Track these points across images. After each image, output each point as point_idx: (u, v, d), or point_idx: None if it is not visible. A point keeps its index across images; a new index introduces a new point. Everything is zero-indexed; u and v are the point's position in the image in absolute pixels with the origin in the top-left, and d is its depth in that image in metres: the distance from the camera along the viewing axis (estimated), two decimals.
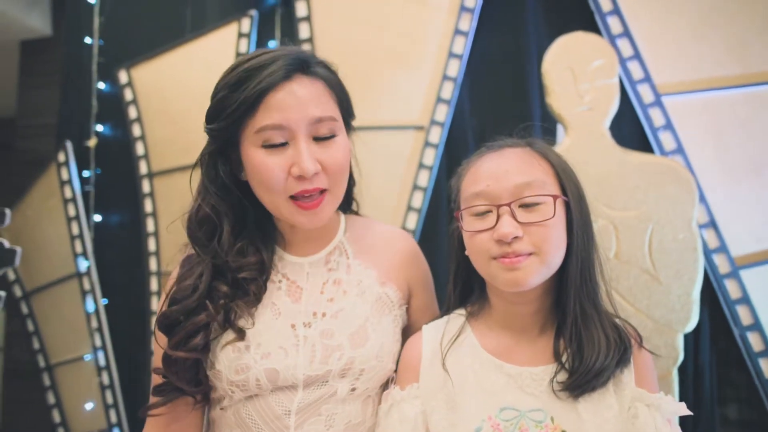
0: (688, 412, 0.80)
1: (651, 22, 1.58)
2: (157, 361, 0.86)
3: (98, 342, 2.04)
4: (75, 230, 2.06)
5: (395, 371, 0.93)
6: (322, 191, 0.84)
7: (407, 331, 0.98)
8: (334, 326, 0.87)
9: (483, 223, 0.82)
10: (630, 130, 1.60)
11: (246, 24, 1.91)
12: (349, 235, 0.98)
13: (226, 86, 0.82)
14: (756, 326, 1.50)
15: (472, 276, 0.93)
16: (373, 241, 0.98)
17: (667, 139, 1.57)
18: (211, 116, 0.85)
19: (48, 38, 2.59)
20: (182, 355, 0.81)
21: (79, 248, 2.06)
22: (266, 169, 0.81)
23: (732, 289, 1.52)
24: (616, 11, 1.60)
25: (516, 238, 0.78)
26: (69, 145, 2.10)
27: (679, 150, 1.55)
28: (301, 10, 1.82)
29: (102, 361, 2.04)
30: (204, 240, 0.86)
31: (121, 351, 2.07)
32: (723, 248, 1.52)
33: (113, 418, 2.03)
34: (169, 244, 1.99)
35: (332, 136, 0.84)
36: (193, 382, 0.84)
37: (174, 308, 0.84)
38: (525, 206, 0.80)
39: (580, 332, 0.82)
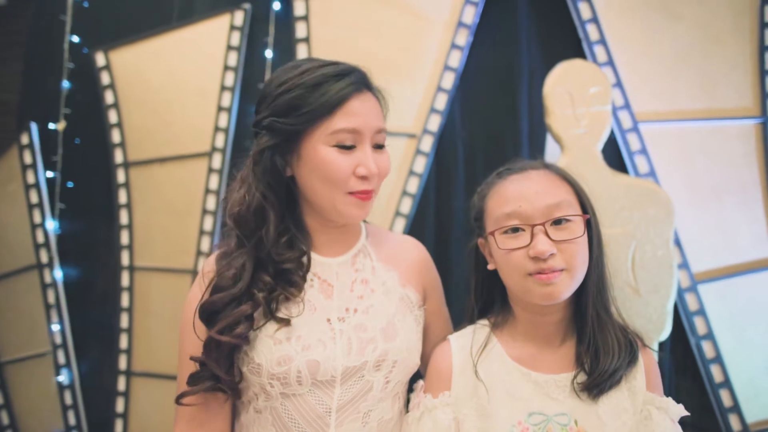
0: (687, 413, 0.91)
1: (633, 55, 1.72)
2: (192, 350, 0.89)
3: (58, 339, 1.92)
4: (37, 218, 1.92)
5: (421, 376, 0.97)
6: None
7: (423, 333, 1.03)
8: (366, 321, 0.92)
9: (517, 241, 0.88)
10: (607, 151, 1.73)
11: (239, 17, 1.86)
12: (371, 239, 1.03)
13: (302, 86, 0.87)
14: (709, 335, 1.67)
15: (494, 289, 1.00)
16: (392, 247, 1.05)
17: (641, 163, 1.71)
18: (282, 111, 0.88)
19: (2, 7, 2.39)
20: (226, 339, 0.84)
21: (40, 238, 1.92)
22: (336, 167, 0.88)
23: (690, 301, 1.68)
24: (603, 41, 1.72)
25: (551, 255, 0.85)
26: (34, 127, 1.95)
27: (652, 173, 1.70)
28: (299, 9, 1.81)
29: (62, 359, 1.92)
30: (253, 228, 0.89)
31: (82, 349, 1.96)
32: (685, 264, 1.68)
33: (72, 420, 1.92)
34: (143, 237, 1.91)
35: (383, 146, 0.94)
36: (230, 371, 0.87)
37: (218, 296, 0.87)
38: (555, 225, 0.88)
39: (597, 337, 0.92)
